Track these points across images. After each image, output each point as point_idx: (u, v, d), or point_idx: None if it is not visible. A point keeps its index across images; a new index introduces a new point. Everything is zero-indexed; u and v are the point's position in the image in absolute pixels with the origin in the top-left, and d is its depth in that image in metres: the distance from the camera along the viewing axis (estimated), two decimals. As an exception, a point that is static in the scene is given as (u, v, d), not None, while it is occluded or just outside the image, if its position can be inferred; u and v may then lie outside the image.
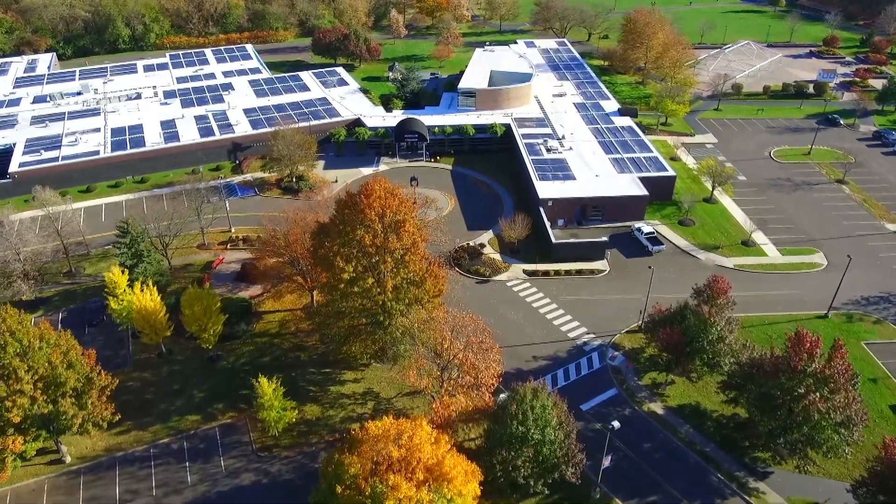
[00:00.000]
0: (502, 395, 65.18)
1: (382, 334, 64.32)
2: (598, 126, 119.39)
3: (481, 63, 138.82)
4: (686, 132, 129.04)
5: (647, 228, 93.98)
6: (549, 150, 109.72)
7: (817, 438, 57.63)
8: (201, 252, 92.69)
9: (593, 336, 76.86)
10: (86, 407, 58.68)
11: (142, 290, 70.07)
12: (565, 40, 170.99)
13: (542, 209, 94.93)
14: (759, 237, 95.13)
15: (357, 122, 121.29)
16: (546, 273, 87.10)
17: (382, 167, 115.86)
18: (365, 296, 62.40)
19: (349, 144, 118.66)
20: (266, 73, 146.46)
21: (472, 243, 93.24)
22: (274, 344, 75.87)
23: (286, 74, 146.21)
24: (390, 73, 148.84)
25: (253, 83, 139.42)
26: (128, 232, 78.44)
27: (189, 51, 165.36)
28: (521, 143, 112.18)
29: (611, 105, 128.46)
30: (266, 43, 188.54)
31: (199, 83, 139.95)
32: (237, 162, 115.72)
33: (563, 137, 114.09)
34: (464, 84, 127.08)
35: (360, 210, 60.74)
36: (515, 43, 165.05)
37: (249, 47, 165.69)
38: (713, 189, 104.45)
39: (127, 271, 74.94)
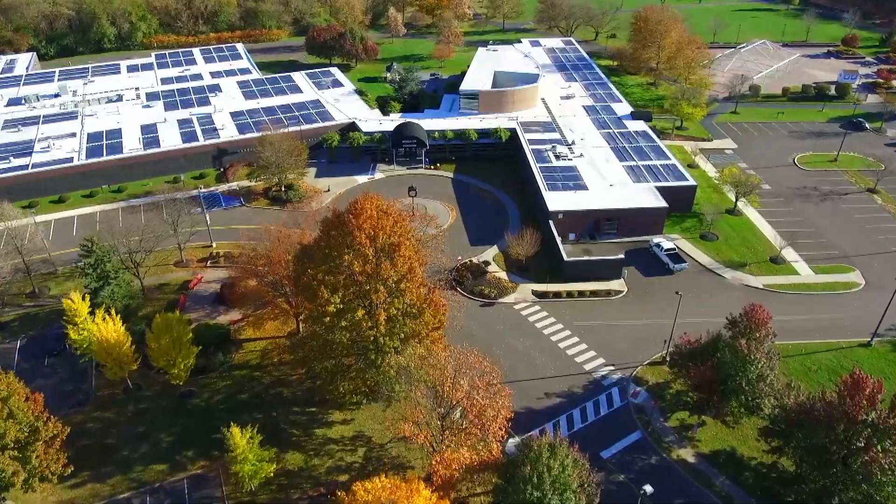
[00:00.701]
0: (511, 442, 57.17)
1: (374, 373, 56.11)
2: (611, 130, 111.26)
3: (484, 63, 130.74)
4: (704, 137, 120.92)
5: (667, 244, 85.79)
6: (558, 157, 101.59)
7: (878, 498, 49.65)
8: (178, 270, 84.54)
9: (612, 368, 68.66)
10: (30, 461, 50.63)
11: (104, 319, 61.97)
12: (572, 39, 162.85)
13: (551, 222, 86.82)
14: (788, 254, 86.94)
15: (352, 127, 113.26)
16: (557, 294, 78.93)
17: (378, 175, 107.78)
18: (354, 329, 54.20)
19: (343, 150, 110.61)
20: (256, 74, 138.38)
21: (475, 260, 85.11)
22: (254, 378, 67.66)
23: (277, 75, 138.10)
24: (388, 74, 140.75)
25: (242, 84, 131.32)
26: (92, 251, 70.34)
27: (176, 50, 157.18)
28: (527, 149, 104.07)
29: (623, 108, 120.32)
30: (259, 42, 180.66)
31: (185, 84, 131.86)
32: (222, 169, 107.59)
33: (573, 143, 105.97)
34: (466, 85, 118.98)
35: (349, 232, 52.62)
36: (520, 42, 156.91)
37: (240, 46, 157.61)
38: (736, 200, 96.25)
39: (90, 295, 66.98)
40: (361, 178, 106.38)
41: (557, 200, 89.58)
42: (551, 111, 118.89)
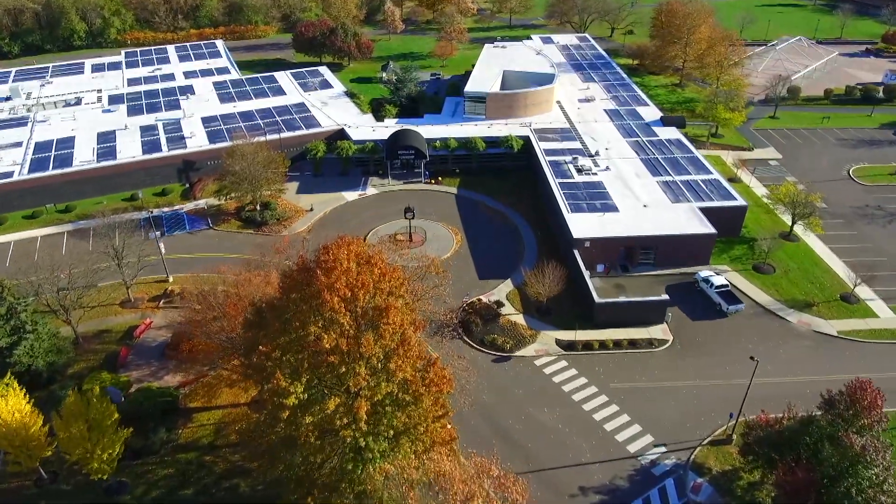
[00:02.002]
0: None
1: (354, 483, 41.05)
2: (639, 139, 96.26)
3: (492, 61, 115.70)
4: (743, 146, 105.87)
5: (718, 279, 70.76)
6: (580, 171, 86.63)
7: None
8: (124, 312, 69.60)
9: (664, 450, 53.65)
10: None
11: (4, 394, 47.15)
12: (587, 35, 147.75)
13: (576, 252, 71.90)
14: (862, 290, 71.94)
15: (340, 134, 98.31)
16: (588, 345, 63.86)
17: (371, 191, 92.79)
18: (324, 426, 39.21)
19: (330, 162, 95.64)
20: (235, 74, 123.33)
21: (485, 299, 70.16)
22: (204, 465, 52.61)
23: (258, 75, 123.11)
24: (383, 74, 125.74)
25: (218, 86, 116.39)
26: (2, 297, 55.46)
27: (149, 48, 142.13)
28: (543, 160, 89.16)
29: (651, 112, 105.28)
30: (244, 39, 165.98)
31: (154, 86, 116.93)
32: (187, 185, 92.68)
33: (597, 154, 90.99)
34: (471, 87, 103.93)
35: (316, 293, 37.62)
36: (529, 38, 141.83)
37: (219, 43, 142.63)
38: (793, 223, 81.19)
39: (-5, 357, 52.27)
40: (350, 195, 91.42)
41: (583, 225, 74.60)
42: (569, 116, 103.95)
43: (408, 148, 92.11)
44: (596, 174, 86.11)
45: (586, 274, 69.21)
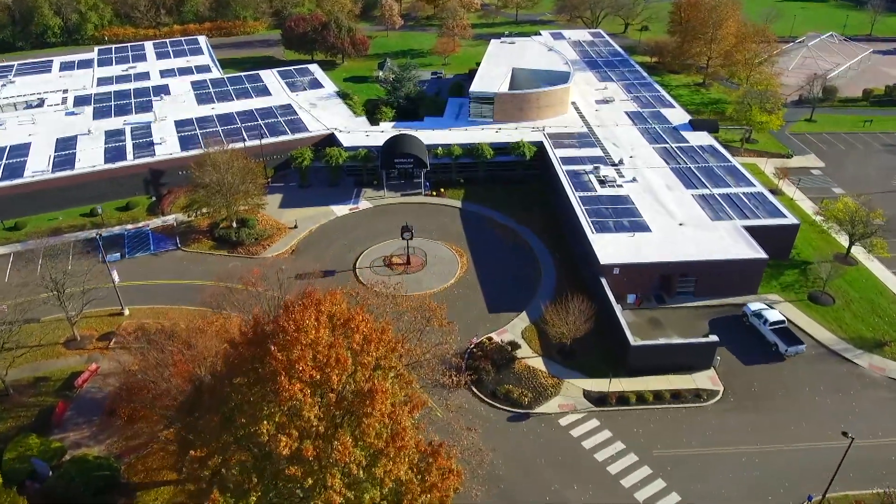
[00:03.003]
0: None
1: None
2: (667, 145, 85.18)
3: (499, 58, 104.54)
4: (781, 152, 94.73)
5: (772, 314, 59.61)
6: (603, 183, 75.62)
7: None
8: (68, 354, 58.55)
9: (727, 545, 42.65)
10: None
11: None
12: (601, 31, 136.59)
13: (603, 281, 60.87)
14: (941, 325, 60.93)
15: (330, 140, 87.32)
16: (623, 399, 52.78)
17: (364, 204, 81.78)
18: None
19: (318, 171, 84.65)
20: (217, 73, 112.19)
21: (497, 338, 59.10)
22: (144, 565, 41.69)
23: (242, 74, 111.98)
24: (380, 73, 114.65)
25: (196, 85, 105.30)
26: None
27: (125, 44, 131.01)
28: (560, 170, 78.18)
29: (677, 115, 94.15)
30: (231, 36, 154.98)
31: (126, 85, 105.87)
32: (153, 198, 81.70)
33: (621, 162, 79.98)
34: (477, 86, 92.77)
35: (271, 376, 26.58)
36: (539, 34, 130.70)
37: (202, 39, 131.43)
38: (850, 244, 70.09)
39: None
40: (341, 209, 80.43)
41: (610, 249, 63.50)
42: (586, 119, 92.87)
43: (406, 155, 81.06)
44: (621, 186, 75.08)
45: (617, 308, 58.13)
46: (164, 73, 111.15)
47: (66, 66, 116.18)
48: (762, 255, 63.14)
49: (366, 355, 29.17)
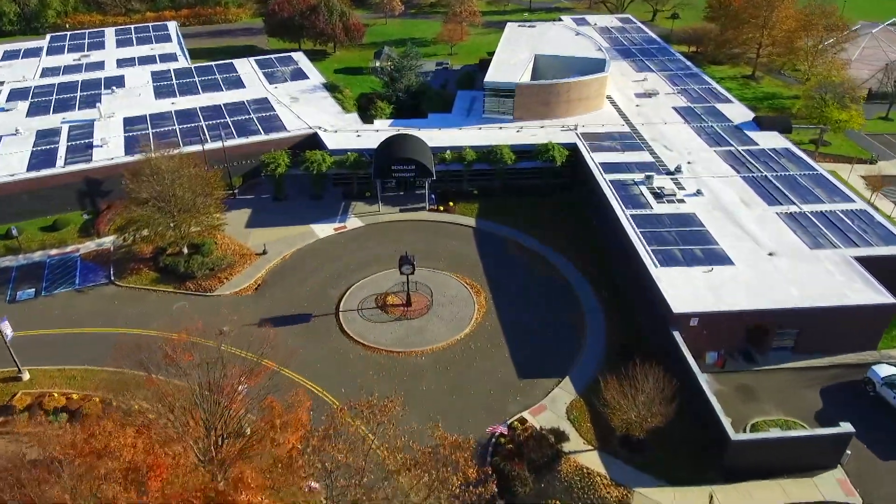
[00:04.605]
0: None
1: None
2: (732, 148, 68.34)
3: (518, 43, 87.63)
4: (863, 157, 77.86)
5: (916, 385, 42.92)
6: (659, 197, 58.83)
7: None
8: (-69, 442, 41.83)
9: None
10: None
11: None
12: (631, 17, 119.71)
13: (676, 336, 44.11)
14: None
15: (312, 141, 70.67)
16: (722, 522, 36.03)
17: (353, 222, 65.01)
18: None
19: (297, 181, 67.97)
20: (184, 62, 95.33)
21: (532, 420, 42.26)
22: None
23: (213, 63, 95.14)
24: (377, 62, 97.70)
25: (157, 76, 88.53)
26: None
27: (82, 31, 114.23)
28: (602, 179, 61.44)
29: (738, 112, 77.28)
30: (212, 24, 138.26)
31: (74, 77, 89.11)
32: (86, 216, 64.96)
33: (679, 170, 63.14)
34: (493, 76, 75.83)
35: None
36: (560, 20, 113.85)
37: (171, 25, 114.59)
38: None
39: None
40: (324, 229, 63.66)
41: (684, 290, 46.70)
42: (626, 116, 76.09)
43: (406, 161, 64.12)
44: (683, 201, 58.28)
45: (702, 379, 41.35)
46: (121, 63, 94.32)
47: (9, 56, 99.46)
48: (890, 298, 46.25)
49: None
